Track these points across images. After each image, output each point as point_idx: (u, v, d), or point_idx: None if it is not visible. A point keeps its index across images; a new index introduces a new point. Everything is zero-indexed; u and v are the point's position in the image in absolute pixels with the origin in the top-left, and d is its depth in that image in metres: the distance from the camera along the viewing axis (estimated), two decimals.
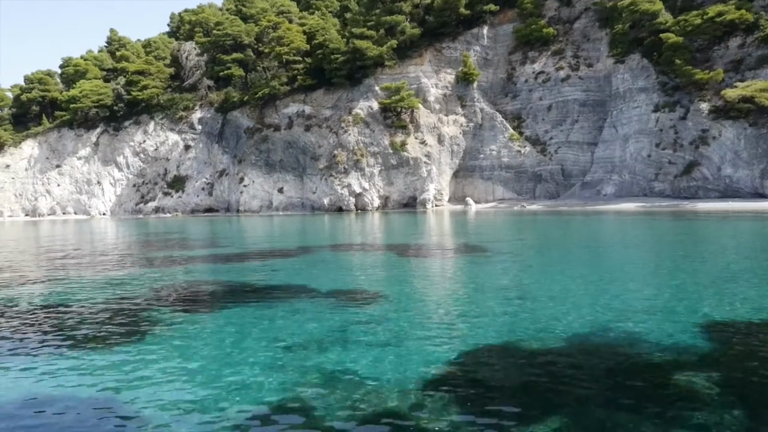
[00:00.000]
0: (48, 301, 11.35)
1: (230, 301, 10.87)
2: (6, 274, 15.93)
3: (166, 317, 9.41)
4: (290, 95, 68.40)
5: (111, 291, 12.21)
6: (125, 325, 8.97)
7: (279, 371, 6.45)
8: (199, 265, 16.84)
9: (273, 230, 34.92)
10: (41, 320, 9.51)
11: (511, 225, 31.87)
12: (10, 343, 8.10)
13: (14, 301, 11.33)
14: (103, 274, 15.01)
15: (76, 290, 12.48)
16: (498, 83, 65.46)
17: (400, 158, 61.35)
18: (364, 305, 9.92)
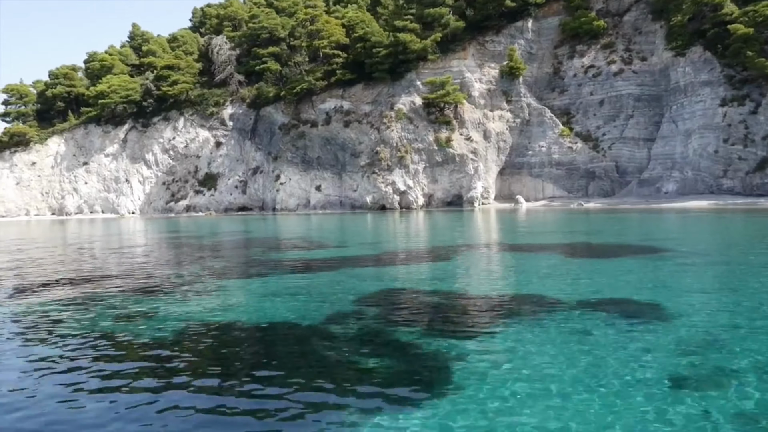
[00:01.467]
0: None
1: (488, 313, 8.93)
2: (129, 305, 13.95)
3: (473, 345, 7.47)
4: (327, 90, 66.40)
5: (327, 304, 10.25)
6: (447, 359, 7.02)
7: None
8: (362, 269, 14.87)
9: (350, 229, 32.94)
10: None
11: (604, 223, 29.90)
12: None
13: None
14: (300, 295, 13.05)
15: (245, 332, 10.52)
16: (543, 78, 63.53)
17: (445, 155, 59.39)
18: (665, 321, 7.96)
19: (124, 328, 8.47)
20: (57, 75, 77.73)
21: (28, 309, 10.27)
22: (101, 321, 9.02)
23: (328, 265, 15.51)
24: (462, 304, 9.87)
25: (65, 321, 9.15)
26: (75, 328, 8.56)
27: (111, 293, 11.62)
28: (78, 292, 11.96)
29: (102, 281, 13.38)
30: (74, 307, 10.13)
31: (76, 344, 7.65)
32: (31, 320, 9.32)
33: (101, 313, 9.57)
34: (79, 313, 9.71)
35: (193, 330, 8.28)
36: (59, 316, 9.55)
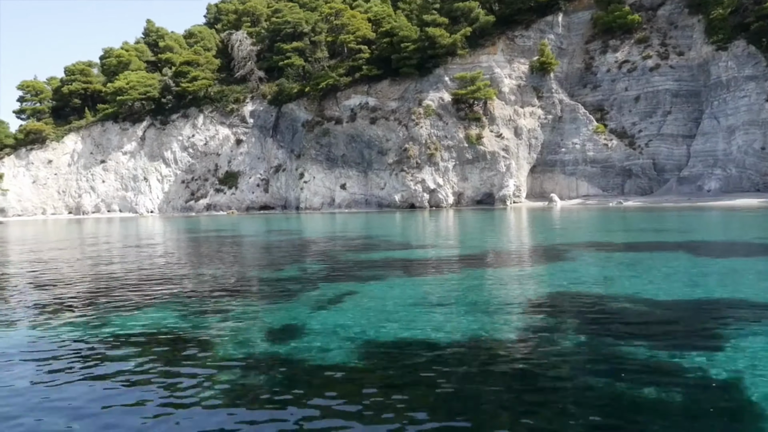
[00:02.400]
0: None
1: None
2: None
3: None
4: (352, 86, 64.95)
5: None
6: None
7: None
8: (486, 271, 13.41)
9: (408, 228, 31.48)
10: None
11: (673, 220, 28.44)
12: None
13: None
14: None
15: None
16: (575, 73, 62.13)
17: (476, 152, 57.95)
18: None
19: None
20: (73, 71, 76.28)
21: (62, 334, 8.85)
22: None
23: (441, 267, 14.10)
24: (660, 311, 8.43)
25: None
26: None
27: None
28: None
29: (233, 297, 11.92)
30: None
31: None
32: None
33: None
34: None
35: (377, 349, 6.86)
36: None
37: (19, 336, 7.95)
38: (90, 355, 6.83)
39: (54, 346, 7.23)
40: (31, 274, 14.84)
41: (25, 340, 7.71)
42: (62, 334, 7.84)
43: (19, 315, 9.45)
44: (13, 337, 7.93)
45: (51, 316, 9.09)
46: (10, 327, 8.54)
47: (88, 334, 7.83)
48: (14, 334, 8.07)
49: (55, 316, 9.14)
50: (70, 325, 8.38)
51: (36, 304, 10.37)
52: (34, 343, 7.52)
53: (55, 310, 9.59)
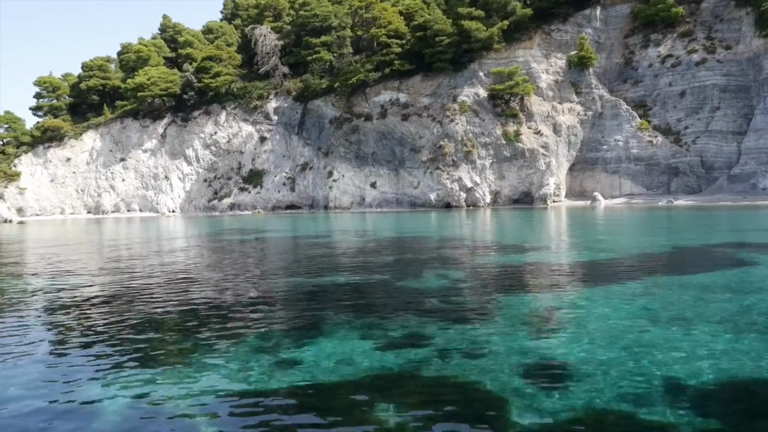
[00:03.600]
0: None
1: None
2: None
3: None
4: (381, 82, 62.97)
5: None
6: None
7: None
8: (671, 278, 11.46)
9: (481, 229, 29.50)
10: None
11: (749, 220, 26.49)
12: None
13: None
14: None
15: None
16: (613, 68, 60.20)
17: (514, 150, 56.01)
18: None
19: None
20: (91, 67, 74.21)
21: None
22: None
23: (608, 273, 12.19)
24: None
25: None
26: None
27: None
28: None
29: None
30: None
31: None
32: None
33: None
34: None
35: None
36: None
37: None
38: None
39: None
40: (51, 287, 12.86)
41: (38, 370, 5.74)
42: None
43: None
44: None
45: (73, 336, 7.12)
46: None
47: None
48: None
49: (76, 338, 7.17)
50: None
51: (55, 324, 8.40)
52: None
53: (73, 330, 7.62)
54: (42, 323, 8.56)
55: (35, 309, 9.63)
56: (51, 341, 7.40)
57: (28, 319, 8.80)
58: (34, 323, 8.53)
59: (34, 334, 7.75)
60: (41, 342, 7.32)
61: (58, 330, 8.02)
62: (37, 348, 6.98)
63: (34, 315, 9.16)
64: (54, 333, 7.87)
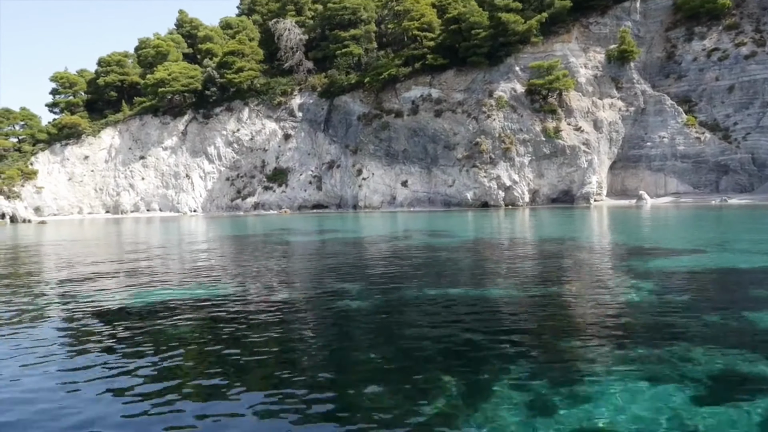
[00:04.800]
0: None
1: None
2: None
3: None
4: (412, 77, 60.93)
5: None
6: None
7: None
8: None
9: (558, 229, 27.37)
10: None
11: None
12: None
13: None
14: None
15: None
16: (654, 63, 58.09)
17: (554, 147, 53.90)
18: None
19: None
20: (108, 62, 72.14)
21: None
22: None
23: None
24: None
25: None
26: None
27: None
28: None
29: None
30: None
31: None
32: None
33: None
34: None
35: None
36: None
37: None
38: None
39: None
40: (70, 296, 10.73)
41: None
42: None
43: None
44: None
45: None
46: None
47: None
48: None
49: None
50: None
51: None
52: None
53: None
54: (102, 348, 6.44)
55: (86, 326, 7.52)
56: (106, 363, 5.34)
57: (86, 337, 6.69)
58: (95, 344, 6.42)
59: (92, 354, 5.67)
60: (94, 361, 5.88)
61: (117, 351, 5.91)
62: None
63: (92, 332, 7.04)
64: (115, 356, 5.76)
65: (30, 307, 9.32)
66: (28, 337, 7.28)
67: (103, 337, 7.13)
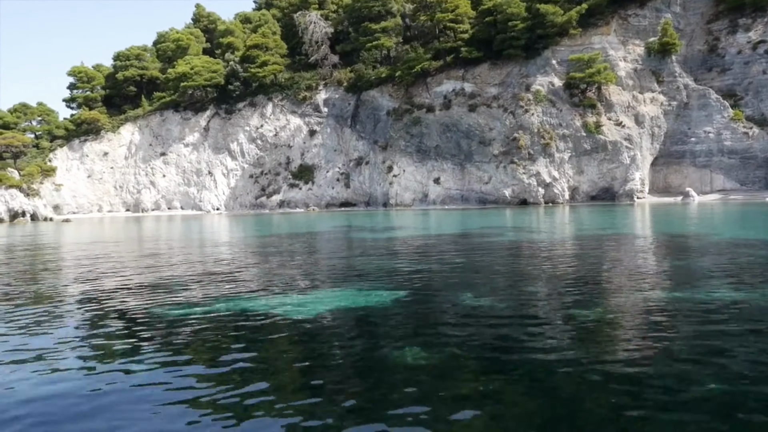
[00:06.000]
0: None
1: None
2: None
3: None
4: (444, 71, 59.17)
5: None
6: None
7: None
8: None
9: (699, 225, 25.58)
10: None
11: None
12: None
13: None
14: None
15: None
16: (695, 56, 56.34)
17: (594, 142, 52.14)
18: None
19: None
20: (127, 56, 70.20)
21: None
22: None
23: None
24: None
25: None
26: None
27: None
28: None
29: None
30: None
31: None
32: None
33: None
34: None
35: None
36: None
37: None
38: None
39: None
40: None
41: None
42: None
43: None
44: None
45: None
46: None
47: None
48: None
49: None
50: None
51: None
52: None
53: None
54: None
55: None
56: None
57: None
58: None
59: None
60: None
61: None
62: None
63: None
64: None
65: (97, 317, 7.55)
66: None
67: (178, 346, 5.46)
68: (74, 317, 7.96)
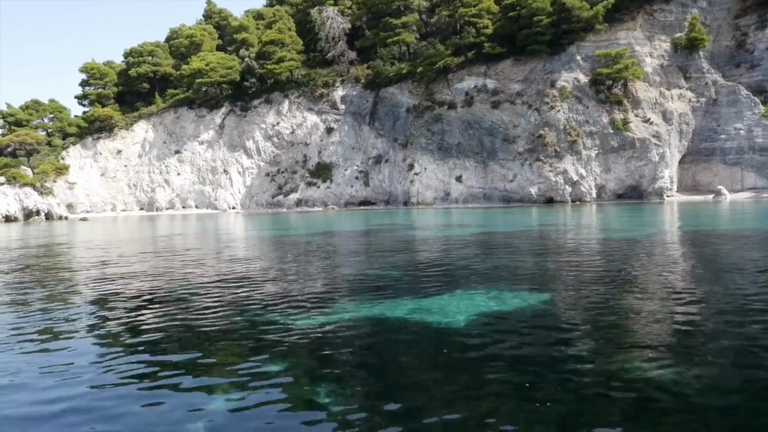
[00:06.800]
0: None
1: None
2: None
3: None
4: (465, 67, 58.10)
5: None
6: None
7: None
8: None
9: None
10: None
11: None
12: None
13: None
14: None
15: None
16: (723, 52, 55.37)
17: (622, 139, 51.14)
18: None
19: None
20: (140, 52, 68.96)
21: None
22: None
23: None
24: None
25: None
26: None
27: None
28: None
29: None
30: None
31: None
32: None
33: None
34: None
35: None
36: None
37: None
38: None
39: None
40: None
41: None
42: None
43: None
44: None
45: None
46: None
47: None
48: None
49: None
50: None
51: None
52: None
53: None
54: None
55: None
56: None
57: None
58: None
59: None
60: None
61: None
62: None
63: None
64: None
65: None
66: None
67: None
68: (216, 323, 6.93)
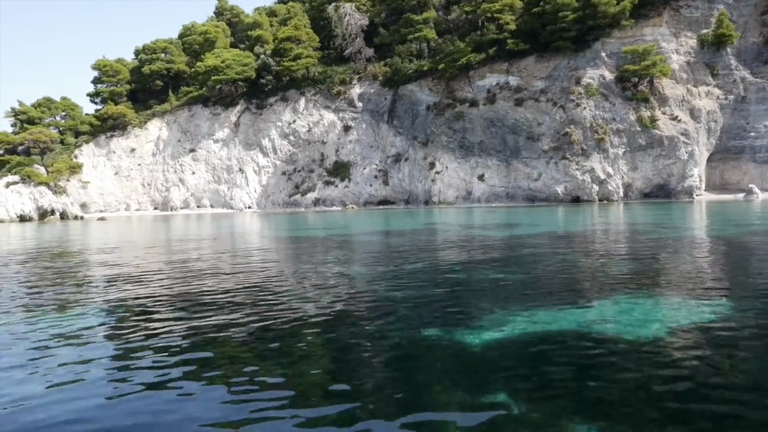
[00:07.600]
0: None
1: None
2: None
3: None
4: (487, 64, 57.14)
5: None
6: None
7: None
8: None
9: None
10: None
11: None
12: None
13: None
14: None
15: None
16: (749, 48, 54.52)
17: (650, 137, 50.23)
18: None
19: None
20: (153, 49, 67.92)
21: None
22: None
23: None
24: None
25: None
26: None
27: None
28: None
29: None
30: None
31: None
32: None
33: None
34: None
35: None
36: None
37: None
38: None
39: None
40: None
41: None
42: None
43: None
44: None
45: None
46: None
47: None
48: None
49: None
50: None
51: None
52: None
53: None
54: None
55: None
56: None
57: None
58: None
59: None
60: None
61: None
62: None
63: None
64: None
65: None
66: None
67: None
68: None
